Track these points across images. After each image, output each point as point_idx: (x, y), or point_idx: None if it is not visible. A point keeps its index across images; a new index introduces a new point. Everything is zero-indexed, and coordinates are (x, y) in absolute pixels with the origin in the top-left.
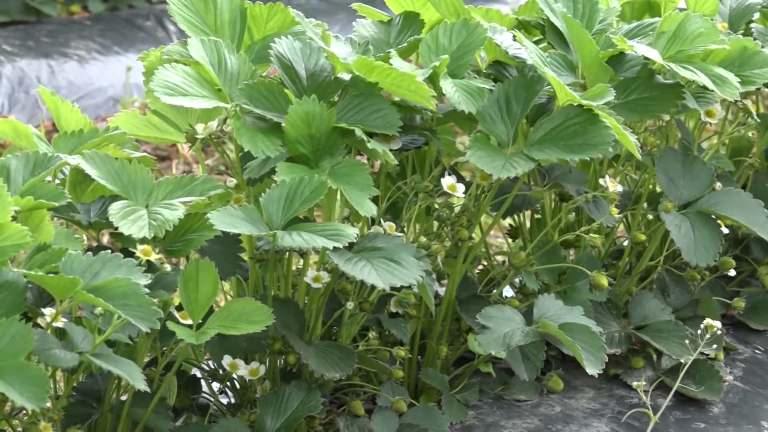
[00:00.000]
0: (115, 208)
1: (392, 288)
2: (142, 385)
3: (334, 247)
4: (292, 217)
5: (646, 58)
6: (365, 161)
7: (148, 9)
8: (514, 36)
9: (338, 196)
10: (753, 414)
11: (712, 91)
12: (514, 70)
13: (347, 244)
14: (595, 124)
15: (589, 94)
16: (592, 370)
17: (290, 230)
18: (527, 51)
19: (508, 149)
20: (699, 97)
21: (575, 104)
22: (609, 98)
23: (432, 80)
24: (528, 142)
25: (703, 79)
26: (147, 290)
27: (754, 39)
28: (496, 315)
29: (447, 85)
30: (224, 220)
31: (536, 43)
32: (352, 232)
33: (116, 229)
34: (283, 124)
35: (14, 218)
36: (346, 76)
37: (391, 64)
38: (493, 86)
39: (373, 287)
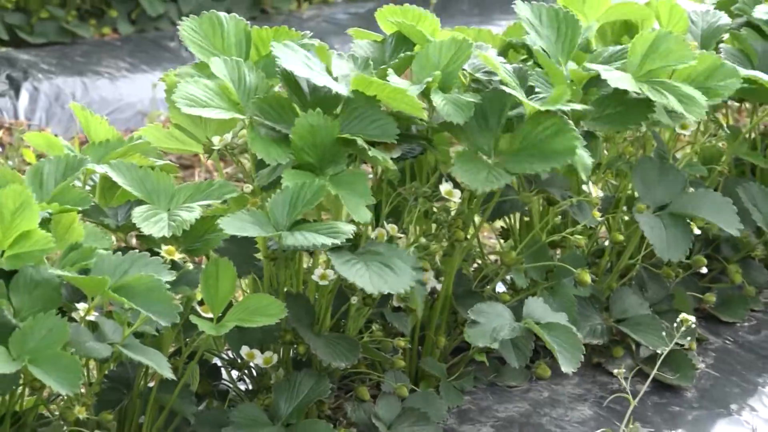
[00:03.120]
0: (138, 212)
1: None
2: (168, 373)
3: (335, 248)
4: (297, 219)
5: None
6: (369, 170)
7: (172, 31)
8: (503, 54)
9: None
10: (723, 398)
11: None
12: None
13: (349, 246)
14: (562, 131)
15: (550, 101)
16: (567, 368)
17: (294, 231)
18: (497, 70)
19: (491, 158)
20: (672, 112)
21: (543, 113)
22: (565, 99)
23: (425, 94)
24: (507, 153)
25: (671, 101)
26: (168, 287)
27: (723, 58)
28: (486, 311)
29: (437, 98)
30: (234, 225)
31: (523, 62)
32: (348, 229)
33: (141, 230)
34: (291, 135)
35: (48, 220)
36: (345, 90)
37: (387, 80)
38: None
39: None
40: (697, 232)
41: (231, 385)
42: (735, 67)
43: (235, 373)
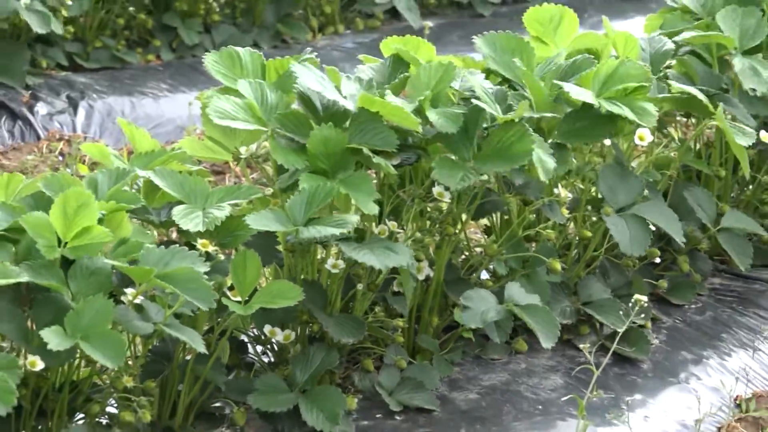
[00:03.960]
0: (177, 210)
1: (392, 273)
2: (202, 349)
3: (344, 240)
4: (312, 216)
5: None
6: (373, 175)
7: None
8: (486, 75)
9: (352, 202)
10: (673, 369)
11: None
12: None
13: (356, 239)
14: (523, 137)
15: (517, 114)
16: (546, 343)
17: (309, 226)
18: (476, 89)
19: (470, 163)
20: (620, 126)
21: (510, 123)
22: (526, 114)
23: (420, 110)
24: (480, 157)
25: (626, 113)
26: (206, 276)
27: (669, 80)
28: (475, 296)
29: (432, 113)
30: (258, 221)
31: (500, 84)
32: (354, 219)
33: (180, 226)
34: (307, 145)
35: (101, 219)
36: (352, 106)
37: (386, 98)
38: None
39: (379, 272)
40: (653, 228)
41: (256, 358)
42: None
43: (259, 348)
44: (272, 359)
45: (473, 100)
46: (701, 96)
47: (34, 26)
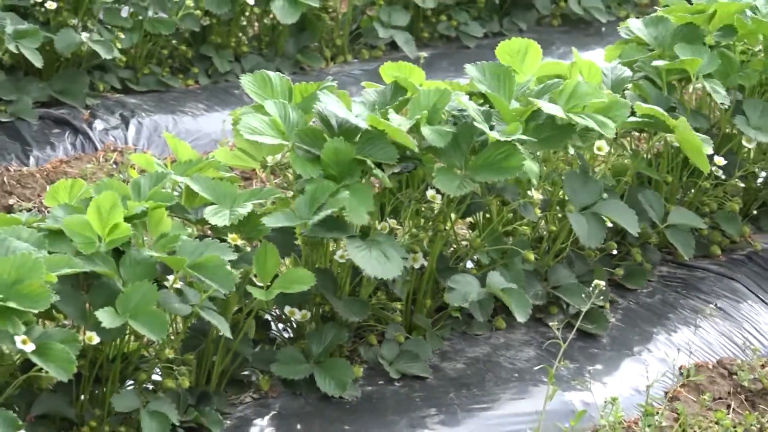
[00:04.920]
0: (208, 209)
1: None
2: (227, 332)
3: (350, 236)
4: (326, 215)
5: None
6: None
7: (237, 82)
8: (470, 97)
9: None
10: (628, 343)
11: (594, 130)
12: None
13: (361, 235)
14: (513, 153)
15: (507, 132)
16: (521, 318)
17: (318, 222)
18: (469, 109)
19: (462, 172)
20: (583, 136)
21: (501, 141)
22: (518, 134)
23: (417, 126)
24: (473, 168)
25: (591, 123)
26: (231, 265)
27: (628, 99)
28: (460, 280)
29: (426, 130)
30: (272, 220)
31: (481, 104)
32: (352, 229)
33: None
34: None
35: (144, 213)
36: (364, 125)
37: (388, 118)
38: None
39: None
40: (610, 225)
41: (277, 334)
42: (626, 102)
43: (280, 326)
44: (291, 335)
45: (466, 119)
46: (664, 114)
47: (101, 53)
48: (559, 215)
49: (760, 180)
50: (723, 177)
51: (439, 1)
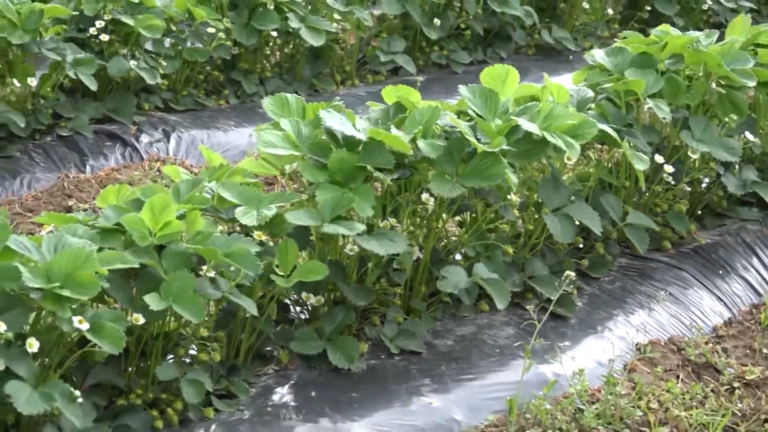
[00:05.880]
0: (238, 210)
1: (392, 255)
2: (254, 311)
3: (358, 234)
4: (337, 215)
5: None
6: (379, 185)
7: (261, 103)
8: (458, 115)
9: None
10: (593, 323)
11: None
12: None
13: (366, 231)
14: (497, 163)
15: (492, 146)
16: (500, 305)
17: (333, 223)
18: (461, 126)
19: (453, 178)
20: (558, 150)
21: (487, 152)
22: (502, 147)
23: (414, 140)
24: (462, 175)
25: (560, 143)
26: (256, 256)
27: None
28: (451, 271)
29: (421, 143)
30: (296, 218)
31: (468, 121)
32: (360, 226)
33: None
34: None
35: (182, 216)
36: (363, 137)
37: (390, 131)
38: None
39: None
40: (578, 223)
41: (295, 316)
42: (594, 122)
43: (298, 308)
44: (307, 316)
45: (456, 134)
46: (613, 133)
47: (147, 78)
48: (535, 215)
49: (703, 185)
50: (672, 182)
51: (438, 35)
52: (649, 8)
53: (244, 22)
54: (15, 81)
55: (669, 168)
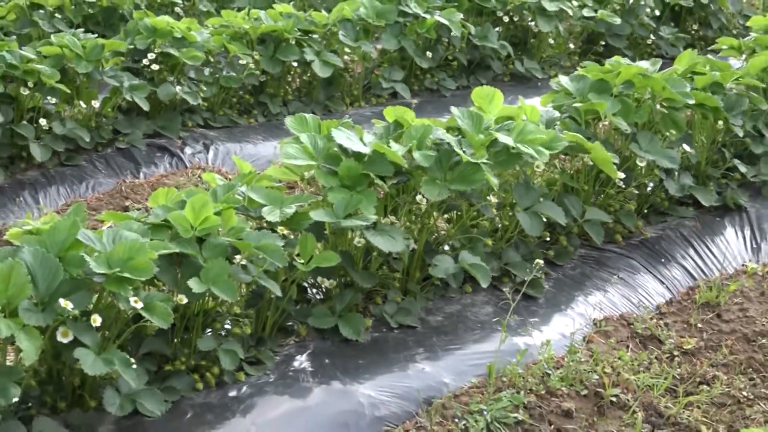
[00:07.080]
0: (264, 209)
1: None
2: (278, 292)
3: (365, 227)
4: (348, 213)
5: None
6: (380, 189)
7: (284, 121)
8: (447, 131)
9: None
10: (558, 303)
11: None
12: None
13: (373, 226)
14: (478, 170)
15: (475, 156)
16: (484, 283)
17: (347, 218)
18: (450, 139)
19: (442, 183)
20: (531, 158)
21: (471, 162)
22: (484, 158)
23: (410, 151)
24: (449, 180)
25: (531, 151)
26: (282, 247)
27: (557, 132)
28: (441, 259)
29: (416, 154)
30: (317, 216)
31: (456, 135)
32: (372, 217)
33: (266, 219)
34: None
35: (219, 213)
36: (366, 150)
37: (390, 145)
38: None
39: None
40: (545, 220)
41: (312, 296)
42: (562, 137)
43: (314, 290)
44: (322, 297)
45: (445, 146)
46: (583, 139)
47: (190, 100)
48: (510, 213)
49: (649, 188)
50: (623, 186)
51: (429, 65)
52: (603, 43)
53: (270, 55)
54: (81, 103)
55: (621, 174)
